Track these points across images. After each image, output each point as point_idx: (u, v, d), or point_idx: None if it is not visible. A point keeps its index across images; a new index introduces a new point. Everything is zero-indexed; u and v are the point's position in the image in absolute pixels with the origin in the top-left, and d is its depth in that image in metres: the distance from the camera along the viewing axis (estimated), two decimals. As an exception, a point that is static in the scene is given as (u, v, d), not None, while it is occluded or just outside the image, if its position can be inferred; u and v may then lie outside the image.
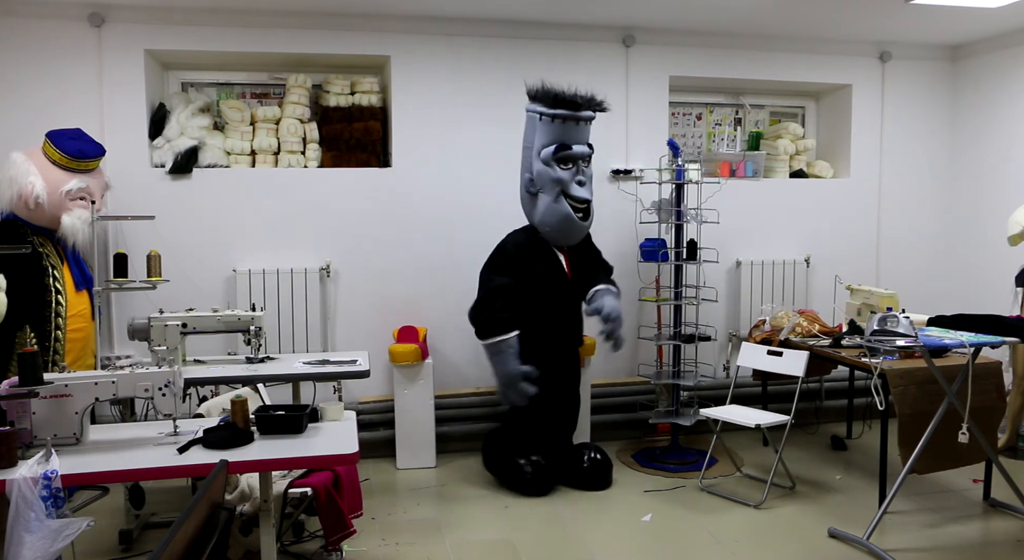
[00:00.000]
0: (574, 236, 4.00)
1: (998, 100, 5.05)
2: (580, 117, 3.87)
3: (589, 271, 4.13)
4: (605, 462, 4.03)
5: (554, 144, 3.85)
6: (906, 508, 3.71)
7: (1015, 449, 4.39)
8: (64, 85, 4.13)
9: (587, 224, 4.00)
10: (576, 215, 3.90)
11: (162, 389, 2.44)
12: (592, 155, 4.01)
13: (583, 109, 3.86)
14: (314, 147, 4.53)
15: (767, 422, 3.81)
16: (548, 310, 4.00)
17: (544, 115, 3.85)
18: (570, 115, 3.83)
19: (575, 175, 3.89)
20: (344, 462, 2.49)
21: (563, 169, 3.87)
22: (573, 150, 3.86)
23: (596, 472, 3.99)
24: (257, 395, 3.25)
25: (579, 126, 3.90)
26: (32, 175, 3.62)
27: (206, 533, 1.85)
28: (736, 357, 4.36)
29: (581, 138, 3.92)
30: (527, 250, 3.97)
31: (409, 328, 4.45)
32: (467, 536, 3.47)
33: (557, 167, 3.86)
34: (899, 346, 3.17)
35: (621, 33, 4.79)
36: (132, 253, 3.90)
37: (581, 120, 3.88)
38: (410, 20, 4.46)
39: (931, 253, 5.45)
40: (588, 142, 3.97)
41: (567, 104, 3.83)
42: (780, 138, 5.26)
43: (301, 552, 3.23)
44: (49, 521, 2.09)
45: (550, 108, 3.83)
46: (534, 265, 3.95)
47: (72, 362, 3.65)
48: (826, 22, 4.71)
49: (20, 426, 2.31)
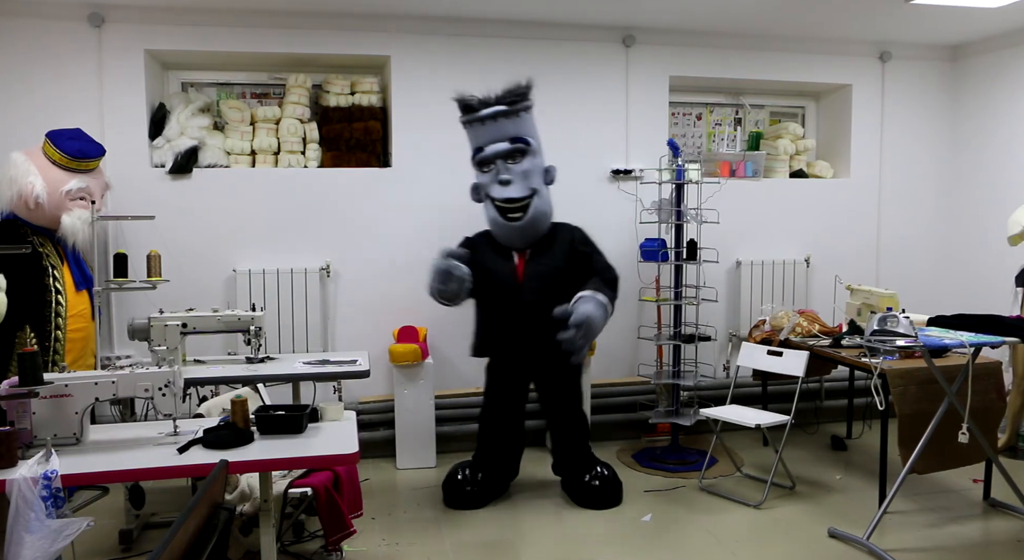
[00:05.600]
0: (515, 238, 3.75)
1: (998, 100, 5.05)
2: (481, 118, 3.71)
3: (564, 279, 3.75)
4: (614, 480, 3.81)
5: (473, 150, 3.80)
6: (906, 508, 3.71)
7: (1015, 449, 4.39)
8: (64, 85, 4.13)
9: (521, 224, 3.68)
10: (504, 217, 3.69)
11: (162, 389, 2.44)
12: (524, 149, 3.71)
13: (482, 108, 3.71)
14: (314, 147, 4.53)
15: (767, 422, 3.81)
16: (501, 317, 3.76)
17: (464, 124, 3.81)
18: (473, 118, 3.75)
19: (496, 176, 3.71)
20: (344, 462, 2.49)
21: (484, 172, 3.78)
22: (485, 151, 3.73)
23: (603, 490, 3.76)
24: (257, 395, 3.25)
25: (488, 125, 3.70)
26: (32, 175, 3.62)
27: (206, 533, 1.85)
28: (736, 357, 4.36)
29: (498, 136, 3.71)
30: (480, 246, 3.82)
31: (409, 328, 4.45)
32: (467, 536, 3.47)
33: (479, 172, 3.80)
34: (899, 346, 3.17)
35: (621, 33, 4.79)
36: (132, 253, 3.90)
37: (487, 119, 3.70)
38: (410, 20, 4.46)
39: (931, 253, 5.45)
40: (513, 136, 3.70)
41: (465, 108, 3.77)
42: (780, 138, 5.26)
43: (301, 552, 3.23)
44: (49, 521, 2.09)
45: (462, 117, 3.80)
46: (483, 261, 3.77)
47: (72, 362, 3.65)
48: (826, 22, 4.71)
49: (20, 426, 2.31)
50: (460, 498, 3.77)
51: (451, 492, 3.79)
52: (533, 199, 3.70)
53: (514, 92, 3.73)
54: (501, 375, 3.87)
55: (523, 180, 3.70)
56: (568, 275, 3.76)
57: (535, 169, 3.76)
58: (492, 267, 3.76)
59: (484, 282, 3.75)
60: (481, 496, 3.79)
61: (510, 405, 3.86)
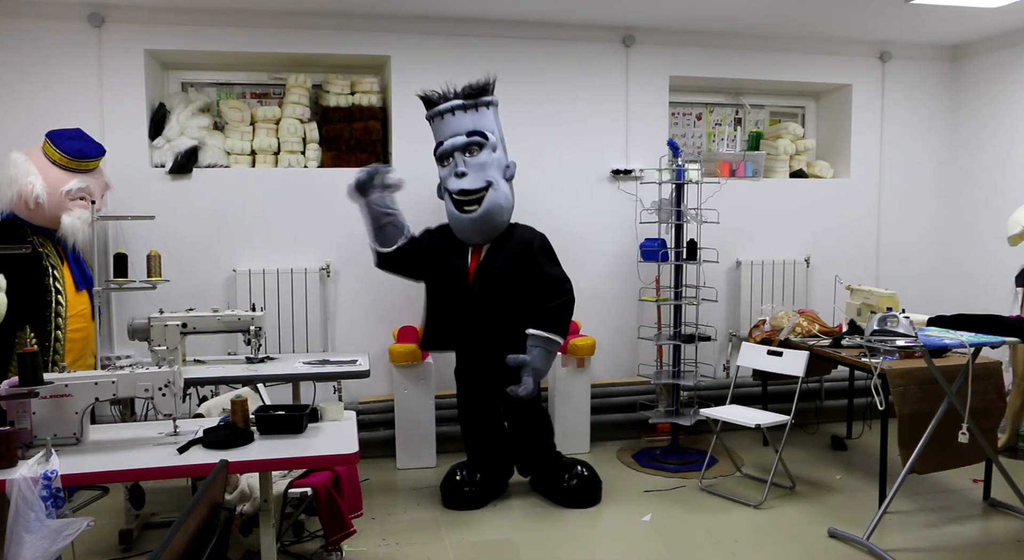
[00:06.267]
0: (470, 232, 3.73)
1: (998, 100, 5.05)
2: (440, 112, 3.77)
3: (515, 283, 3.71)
4: (592, 478, 3.82)
5: (435, 145, 3.85)
6: (906, 508, 3.71)
7: (1015, 449, 4.39)
8: (64, 85, 4.13)
9: (475, 216, 3.67)
10: (460, 209, 3.70)
11: (162, 389, 2.44)
12: (481, 143, 3.72)
13: (441, 102, 3.77)
14: (314, 147, 4.53)
15: (767, 422, 3.81)
16: (448, 313, 3.77)
17: (428, 119, 3.88)
18: (433, 113, 3.82)
19: (453, 169, 3.74)
20: (344, 462, 2.49)
21: (443, 166, 3.82)
22: (444, 145, 3.78)
23: (581, 490, 3.77)
24: (257, 395, 3.25)
25: (447, 120, 3.77)
26: (32, 175, 3.62)
27: (206, 533, 1.85)
28: (736, 357, 4.36)
29: (457, 130, 3.75)
30: (435, 238, 3.85)
31: (409, 328, 4.45)
32: (467, 536, 3.47)
33: (440, 166, 3.84)
34: (899, 346, 3.17)
35: (621, 33, 4.79)
36: (132, 253, 3.91)
37: (445, 113, 3.76)
38: (410, 20, 4.46)
39: (931, 253, 5.45)
40: (471, 130, 3.72)
41: (427, 103, 3.84)
42: (780, 138, 5.26)
43: (301, 552, 3.23)
44: (49, 521, 2.09)
45: (425, 112, 3.87)
46: (436, 255, 3.81)
47: (72, 362, 3.65)
48: (826, 22, 4.71)
49: (20, 426, 2.31)
50: (459, 498, 3.76)
51: (450, 493, 3.78)
52: (488, 191, 3.69)
53: (475, 87, 3.78)
54: (466, 375, 3.89)
55: (478, 172, 3.71)
56: (519, 278, 3.72)
57: (493, 163, 3.76)
58: (446, 261, 3.80)
59: (436, 274, 3.81)
60: (480, 496, 3.79)
61: (482, 405, 3.87)
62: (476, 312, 3.72)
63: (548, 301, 3.68)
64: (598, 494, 3.84)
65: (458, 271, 3.76)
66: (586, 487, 3.79)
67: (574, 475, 3.80)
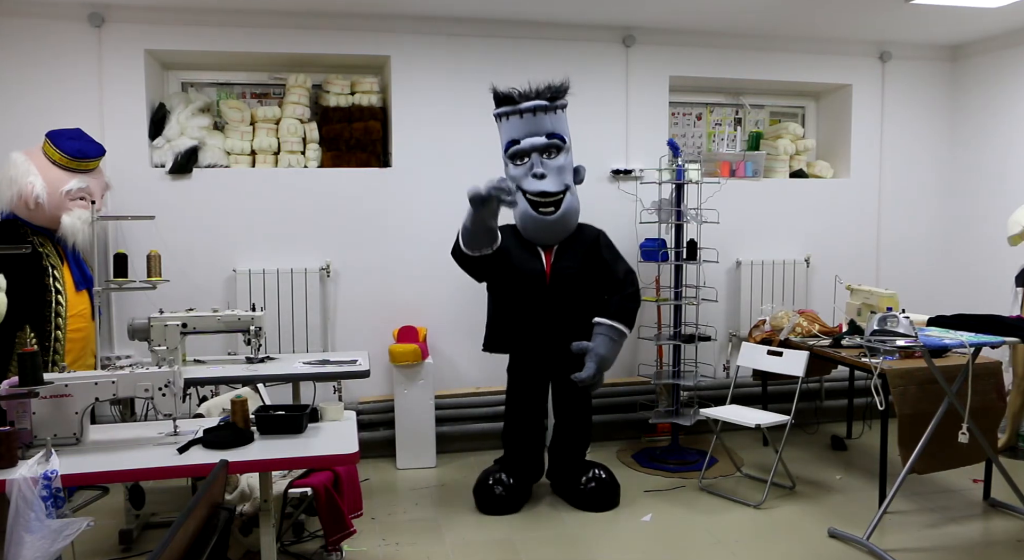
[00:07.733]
0: (545, 234, 3.74)
1: (998, 100, 5.05)
2: (521, 110, 3.71)
3: (587, 281, 3.77)
4: (610, 482, 3.78)
5: (506, 143, 3.81)
6: (906, 508, 3.71)
7: (1015, 449, 4.39)
8: (64, 85, 4.13)
9: (552, 219, 3.69)
10: (536, 211, 3.69)
11: (162, 389, 2.44)
12: (559, 145, 3.73)
13: (522, 101, 3.73)
14: (314, 147, 4.53)
15: (767, 422, 3.81)
16: (523, 315, 3.73)
17: (497, 116, 3.83)
18: (512, 110, 3.75)
19: (530, 170, 3.71)
20: (344, 462, 2.49)
21: (517, 166, 3.77)
22: (521, 144, 3.72)
23: (599, 493, 3.74)
24: (257, 395, 3.25)
25: (526, 119, 3.72)
26: (32, 175, 3.62)
27: (206, 533, 1.85)
28: (736, 357, 4.36)
29: (535, 130, 3.72)
30: (506, 239, 3.79)
31: (409, 328, 4.45)
32: (467, 536, 3.47)
33: (511, 165, 3.80)
34: (899, 346, 3.17)
35: (621, 33, 4.79)
36: (132, 253, 3.90)
37: (525, 112, 3.71)
38: (410, 20, 4.46)
39: (931, 253, 5.45)
40: (550, 132, 3.72)
41: (506, 100, 3.78)
42: (780, 138, 5.26)
43: (301, 552, 3.23)
44: (49, 521, 2.09)
45: (496, 108, 3.81)
46: (506, 257, 3.75)
47: (72, 362, 3.65)
48: (826, 22, 4.71)
49: (20, 426, 2.31)
50: (494, 503, 3.71)
51: (484, 498, 3.73)
52: (566, 195, 3.72)
53: (555, 88, 3.76)
54: (523, 375, 3.85)
55: (557, 175, 3.71)
56: (590, 275, 3.78)
57: (568, 166, 3.79)
58: (520, 263, 3.75)
59: (509, 276, 3.76)
60: (514, 500, 3.74)
61: (532, 405, 3.85)
62: (553, 312, 3.72)
63: (615, 294, 3.76)
64: (616, 497, 3.79)
65: (535, 273, 3.73)
66: (603, 490, 3.75)
67: (592, 478, 3.76)
